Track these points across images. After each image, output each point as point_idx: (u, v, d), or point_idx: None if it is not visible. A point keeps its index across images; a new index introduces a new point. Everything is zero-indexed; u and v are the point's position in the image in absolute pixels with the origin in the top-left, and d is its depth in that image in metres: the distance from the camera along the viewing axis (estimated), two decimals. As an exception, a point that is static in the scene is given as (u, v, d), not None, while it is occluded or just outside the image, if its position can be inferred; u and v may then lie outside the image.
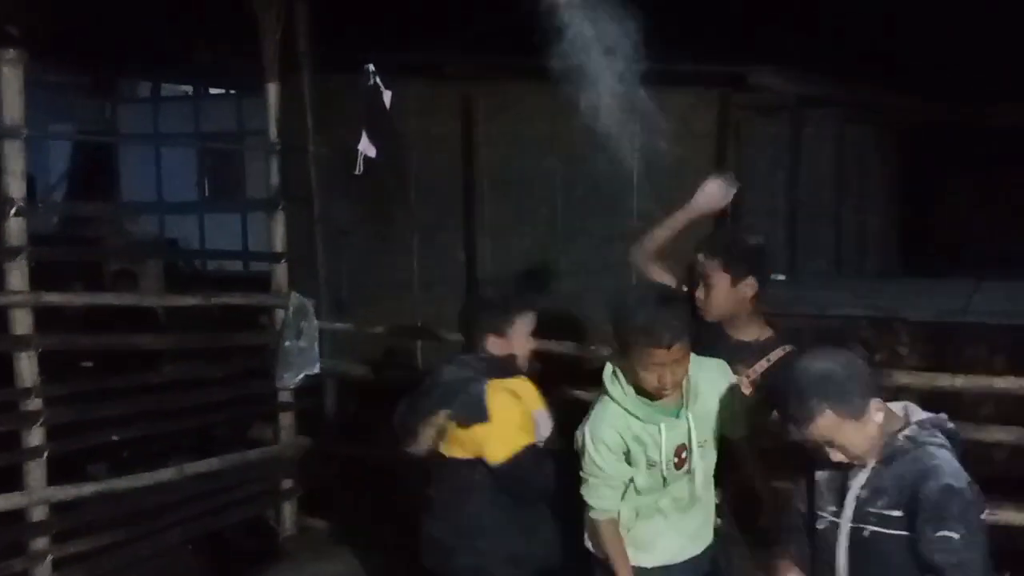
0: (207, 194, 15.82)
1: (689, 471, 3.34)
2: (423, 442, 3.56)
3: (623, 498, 3.36)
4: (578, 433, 3.39)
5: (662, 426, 3.28)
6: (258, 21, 5.51)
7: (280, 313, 5.64)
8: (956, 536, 2.78)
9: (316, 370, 5.58)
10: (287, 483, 5.77)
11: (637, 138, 8.31)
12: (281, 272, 5.72)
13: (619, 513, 3.38)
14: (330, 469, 5.77)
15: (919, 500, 2.82)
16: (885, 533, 2.90)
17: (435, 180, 8.71)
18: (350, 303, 7.95)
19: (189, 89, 16.49)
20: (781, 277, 8.03)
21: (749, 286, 3.64)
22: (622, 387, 3.30)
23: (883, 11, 9.09)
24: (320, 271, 5.87)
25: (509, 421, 3.48)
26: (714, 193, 3.90)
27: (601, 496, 3.36)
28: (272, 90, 5.64)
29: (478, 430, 3.45)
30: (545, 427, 3.62)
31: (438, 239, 8.67)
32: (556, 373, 5.23)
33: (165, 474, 5.21)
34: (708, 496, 3.47)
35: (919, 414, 2.96)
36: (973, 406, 4.65)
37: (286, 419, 5.74)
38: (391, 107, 5.14)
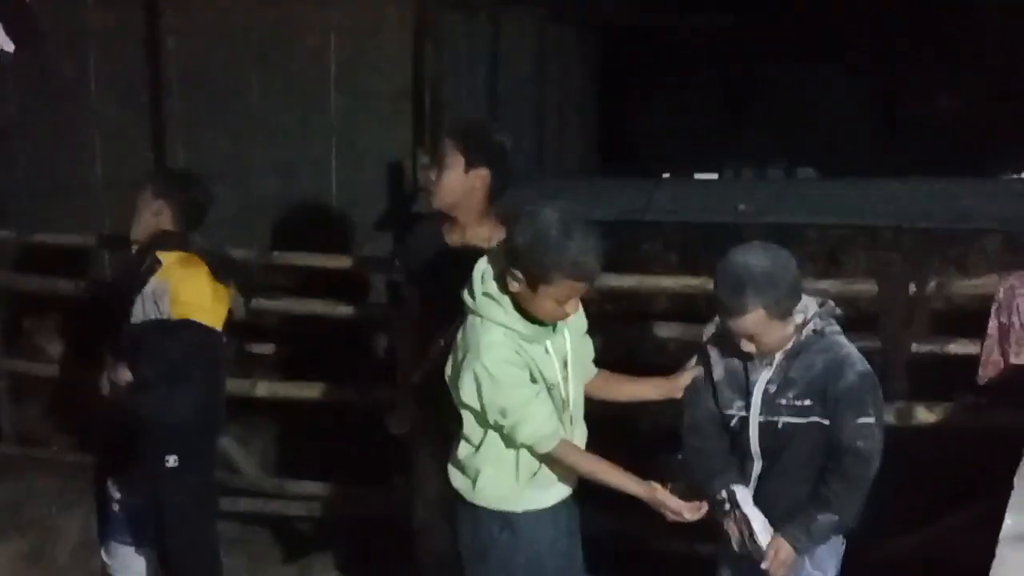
0: None
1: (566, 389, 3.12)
2: None
3: None
4: (467, 379, 2.97)
5: (548, 343, 3.05)
6: None
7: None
8: (873, 421, 3.02)
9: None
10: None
11: (333, 33, 8.03)
12: (-76, 177, 5.17)
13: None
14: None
15: (838, 389, 3.01)
16: (798, 423, 3.05)
17: (119, 74, 8.09)
18: (15, 209, 7.35)
19: None
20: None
21: (480, 177, 3.53)
22: (503, 308, 2.99)
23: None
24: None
25: None
26: None
27: (541, 420, 3.00)
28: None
29: None
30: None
31: (123, 136, 8.09)
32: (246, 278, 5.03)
33: None
34: (580, 415, 3.23)
35: (814, 305, 3.10)
36: (647, 302, 4.90)
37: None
38: None
